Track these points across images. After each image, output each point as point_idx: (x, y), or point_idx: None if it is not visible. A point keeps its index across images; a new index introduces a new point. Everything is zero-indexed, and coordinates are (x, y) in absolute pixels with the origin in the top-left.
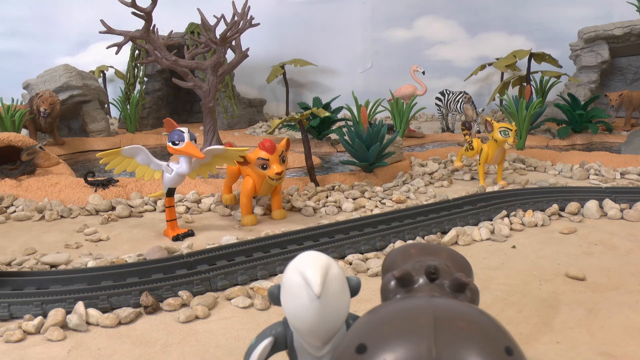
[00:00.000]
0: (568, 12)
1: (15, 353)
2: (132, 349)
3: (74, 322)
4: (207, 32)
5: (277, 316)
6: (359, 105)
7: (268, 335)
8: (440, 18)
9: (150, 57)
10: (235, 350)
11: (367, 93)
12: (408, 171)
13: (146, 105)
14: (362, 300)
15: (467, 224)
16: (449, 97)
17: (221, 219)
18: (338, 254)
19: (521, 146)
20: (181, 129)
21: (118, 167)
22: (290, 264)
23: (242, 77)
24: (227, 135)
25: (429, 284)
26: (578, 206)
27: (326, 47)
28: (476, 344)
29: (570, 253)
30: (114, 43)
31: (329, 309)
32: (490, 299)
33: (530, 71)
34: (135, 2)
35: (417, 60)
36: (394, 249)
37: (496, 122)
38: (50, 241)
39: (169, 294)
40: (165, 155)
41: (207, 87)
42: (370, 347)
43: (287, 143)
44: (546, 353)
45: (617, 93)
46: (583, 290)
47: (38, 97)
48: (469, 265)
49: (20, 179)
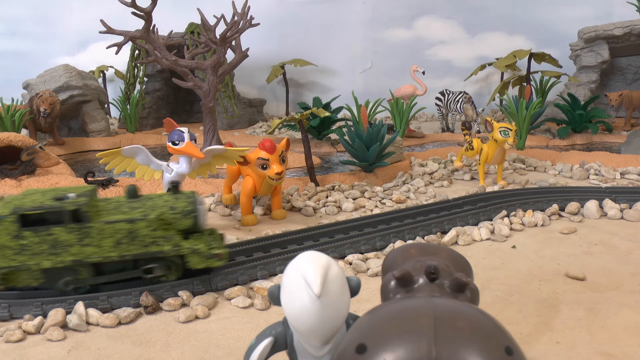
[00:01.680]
0: (568, 12)
1: (15, 353)
2: (132, 349)
3: (74, 322)
4: (207, 32)
5: (277, 316)
6: (359, 105)
7: (268, 335)
8: (440, 18)
9: (150, 57)
10: (235, 350)
11: (367, 93)
12: (408, 171)
13: (146, 105)
14: (362, 300)
15: (467, 224)
16: (449, 97)
17: (221, 219)
18: (338, 254)
19: (521, 146)
20: (181, 129)
21: (118, 167)
22: (291, 264)
23: (242, 77)
24: (227, 135)
25: (429, 284)
26: (578, 206)
27: (326, 47)
28: (476, 344)
29: (570, 253)
30: (114, 43)
31: (329, 309)
32: (490, 299)
33: (530, 71)
34: (135, 2)
35: (417, 60)
36: (394, 249)
37: (496, 122)
38: None
39: (169, 294)
40: (165, 155)
41: (207, 87)
42: (370, 347)
43: (287, 143)
44: (546, 353)
45: (617, 93)
46: (583, 290)
47: (38, 97)
48: (469, 265)
49: (20, 179)
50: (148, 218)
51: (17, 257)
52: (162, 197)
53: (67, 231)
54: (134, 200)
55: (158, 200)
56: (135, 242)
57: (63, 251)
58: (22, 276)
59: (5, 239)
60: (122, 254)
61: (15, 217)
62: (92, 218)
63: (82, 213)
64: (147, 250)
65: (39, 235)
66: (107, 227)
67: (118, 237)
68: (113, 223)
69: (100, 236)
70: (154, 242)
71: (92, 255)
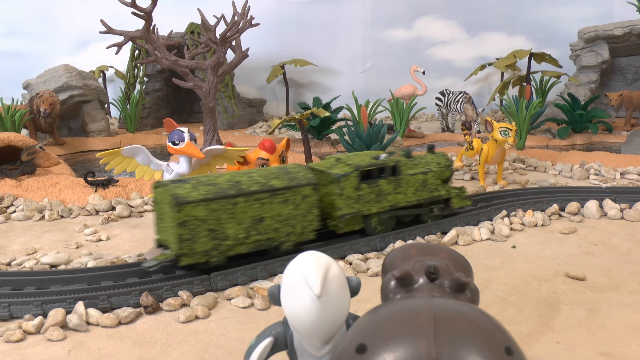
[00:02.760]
0: (568, 12)
1: (15, 353)
2: (132, 349)
3: (74, 322)
4: (207, 32)
5: (277, 316)
6: (359, 105)
7: (268, 335)
8: (440, 18)
9: (150, 57)
10: (235, 350)
11: (367, 93)
12: None
13: (146, 105)
14: (362, 300)
15: (467, 224)
16: (449, 97)
17: None
18: (338, 254)
19: (521, 146)
20: (181, 129)
21: (118, 167)
22: (291, 264)
23: (242, 77)
24: (227, 135)
25: (429, 284)
26: (578, 206)
27: (326, 47)
28: (476, 344)
29: (570, 253)
30: (114, 43)
31: (329, 309)
32: (490, 299)
33: (530, 71)
34: (135, 2)
35: (417, 60)
36: (394, 249)
37: (496, 122)
38: (50, 241)
39: (169, 294)
40: (165, 155)
41: (207, 87)
42: (370, 347)
43: (287, 143)
44: (546, 353)
45: (617, 93)
46: (583, 290)
47: (38, 97)
48: (469, 265)
49: (20, 179)
50: (433, 170)
51: (355, 205)
52: (427, 156)
53: (387, 182)
54: (412, 158)
55: (427, 158)
56: (425, 189)
57: (383, 199)
58: (352, 221)
59: (350, 191)
60: (418, 199)
61: (358, 173)
62: (402, 171)
63: (398, 168)
64: (431, 195)
65: (370, 187)
66: (411, 178)
67: (416, 185)
68: (414, 175)
69: (406, 185)
70: (436, 188)
71: (400, 201)
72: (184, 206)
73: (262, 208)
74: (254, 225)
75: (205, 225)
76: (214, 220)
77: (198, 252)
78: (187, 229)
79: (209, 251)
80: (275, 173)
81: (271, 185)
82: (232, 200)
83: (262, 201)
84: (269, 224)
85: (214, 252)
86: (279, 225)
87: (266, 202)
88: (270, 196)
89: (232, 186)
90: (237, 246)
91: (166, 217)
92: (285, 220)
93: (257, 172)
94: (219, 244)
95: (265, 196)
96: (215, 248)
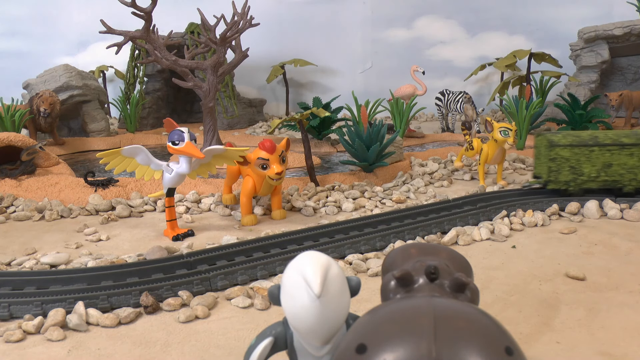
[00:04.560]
0: (568, 12)
1: (15, 353)
2: (132, 349)
3: (74, 322)
4: (207, 32)
5: (277, 316)
6: (359, 105)
7: (268, 335)
8: (440, 18)
9: (150, 57)
10: (235, 350)
11: (367, 93)
12: (408, 171)
13: (146, 105)
14: (362, 300)
15: (467, 224)
16: (449, 97)
17: (221, 219)
18: (338, 254)
19: (521, 146)
20: (181, 129)
21: (118, 167)
22: (290, 264)
23: (242, 77)
24: (227, 135)
25: (429, 284)
26: (578, 206)
27: (326, 47)
28: (476, 344)
29: (570, 253)
30: (114, 43)
31: (329, 309)
32: (490, 299)
33: (530, 71)
34: (135, 2)
35: (417, 60)
36: (394, 249)
37: (496, 122)
38: (50, 241)
39: (169, 294)
40: (165, 155)
41: (207, 87)
42: (370, 347)
43: (287, 143)
44: (546, 353)
45: (617, 93)
46: (583, 290)
47: (38, 97)
48: (469, 265)
49: (20, 179)
50: None
51: None
52: None
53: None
54: None
55: None
56: None
57: None
58: None
59: None
60: None
61: None
62: None
63: None
64: None
65: None
66: None
67: None
68: None
69: None
70: None
71: None
72: (555, 147)
73: (612, 157)
74: (604, 169)
75: (568, 163)
76: (575, 160)
77: (561, 180)
78: (555, 163)
79: (569, 182)
80: (626, 133)
81: (621, 141)
82: (590, 148)
83: (612, 152)
84: (616, 169)
85: (572, 183)
86: (624, 172)
87: (615, 153)
88: (619, 149)
89: (592, 138)
90: (589, 182)
91: (541, 156)
92: (630, 168)
93: (612, 132)
94: (576, 177)
95: (615, 148)
96: (573, 180)
